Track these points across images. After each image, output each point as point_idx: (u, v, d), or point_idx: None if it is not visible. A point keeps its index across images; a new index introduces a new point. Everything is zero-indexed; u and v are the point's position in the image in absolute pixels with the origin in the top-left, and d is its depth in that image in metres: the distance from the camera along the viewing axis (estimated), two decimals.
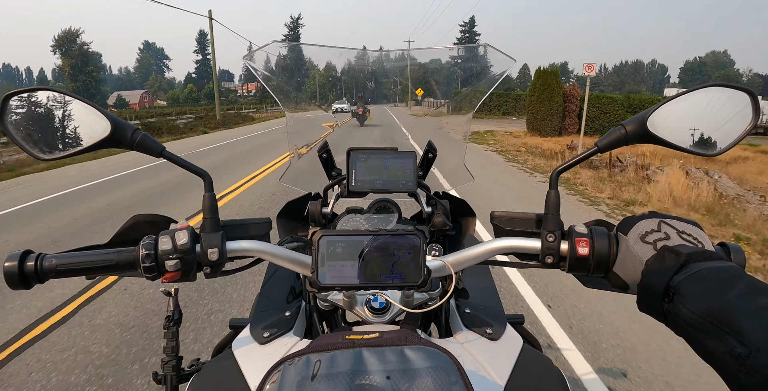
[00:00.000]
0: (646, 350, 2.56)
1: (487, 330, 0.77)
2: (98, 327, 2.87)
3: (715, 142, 0.64)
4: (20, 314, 3.09)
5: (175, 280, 0.64)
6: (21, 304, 3.22)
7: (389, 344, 0.48)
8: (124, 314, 3.05)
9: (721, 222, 5.42)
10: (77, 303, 3.22)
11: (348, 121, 1.86)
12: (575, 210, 5.90)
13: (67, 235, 4.91)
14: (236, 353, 0.73)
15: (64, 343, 2.69)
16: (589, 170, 8.68)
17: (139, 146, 0.66)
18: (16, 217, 5.92)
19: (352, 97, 1.80)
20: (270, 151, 11.72)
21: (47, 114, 0.64)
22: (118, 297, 3.30)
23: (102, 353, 2.56)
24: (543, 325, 2.86)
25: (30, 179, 9.19)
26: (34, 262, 0.62)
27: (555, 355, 2.51)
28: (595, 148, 0.66)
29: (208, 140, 16.85)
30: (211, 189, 0.68)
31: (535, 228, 0.70)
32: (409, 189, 0.95)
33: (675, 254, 0.52)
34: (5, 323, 2.96)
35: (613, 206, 6.19)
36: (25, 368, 2.43)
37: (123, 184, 8.08)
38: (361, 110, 6.87)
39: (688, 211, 5.89)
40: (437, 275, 0.69)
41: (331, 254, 0.59)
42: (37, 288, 0.73)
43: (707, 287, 0.46)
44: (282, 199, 5.77)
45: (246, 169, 9.02)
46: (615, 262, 0.62)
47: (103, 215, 5.77)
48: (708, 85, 0.63)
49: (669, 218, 0.61)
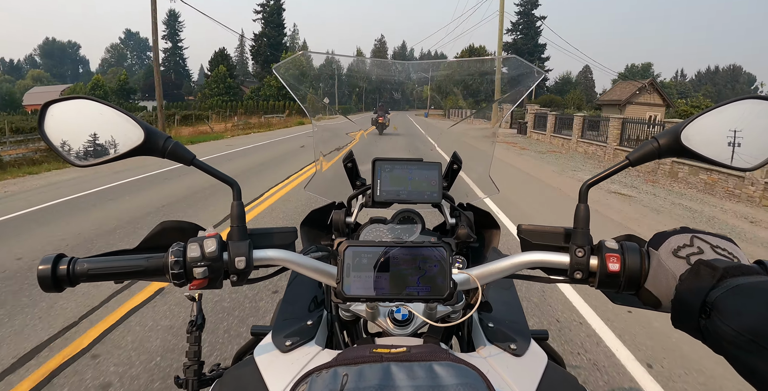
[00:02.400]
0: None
1: (510, 345, 0.76)
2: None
3: (750, 157, 0.62)
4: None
5: (202, 287, 0.65)
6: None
7: (418, 359, 0.48)
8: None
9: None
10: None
11: (372, 130, 1.86)
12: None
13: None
14: (258, 361, 0.73)
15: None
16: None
17: (170, 154, 0.67)
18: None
19: (373, 106, 1.81)
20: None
21: (83, 122, 0.66)
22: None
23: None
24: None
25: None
26: (67, 265, 0.63)
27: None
28: (626, 162, 0.64)
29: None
30: (239, 198, 0.69)
31: (564, 242, 0.69)
32: (433, 200, 0.95)
33: (711, 269, 0.50)
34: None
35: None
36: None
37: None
38: (382, 119, 6.82)
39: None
40: (462, 288, 0.68)
41: (356, 264, 0.59)
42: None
43: (748, 303, 0.44)
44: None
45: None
46: (646, 278, 0.60)
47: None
48: (743, 97, 0.62)
49: (702, 233, 0.59)
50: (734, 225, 6.20)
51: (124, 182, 8.42)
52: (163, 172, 9.49)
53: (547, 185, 8.67)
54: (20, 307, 3.21)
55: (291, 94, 1.07)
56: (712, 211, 7.11)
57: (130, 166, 9.76)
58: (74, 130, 0.66)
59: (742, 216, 6.83)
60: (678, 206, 7.39)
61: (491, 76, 1.21)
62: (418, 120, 2.44)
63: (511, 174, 9.82)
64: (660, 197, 8.05)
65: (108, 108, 0.66)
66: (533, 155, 14.26)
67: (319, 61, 1.22)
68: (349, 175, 1.05)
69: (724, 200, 8.08)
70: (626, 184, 9.15)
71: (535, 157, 13.87)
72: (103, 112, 0.66)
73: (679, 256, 0.57)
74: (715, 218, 6.66)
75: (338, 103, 1.38)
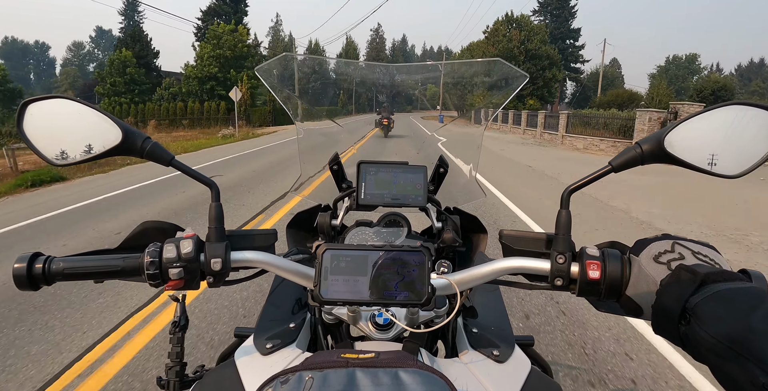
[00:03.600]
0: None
1: (494, 352, 0.75)
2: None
3: (736, 164, 0.62)
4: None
5: (178, 288, 0.64)
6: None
7: (384, 366, 0.47)
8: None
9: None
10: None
11: (375, 132, 1.83)
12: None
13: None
14: (238, 363, 0.73)
15: None
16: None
17: (149, 154, 0.67)
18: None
19: (366, 108, 1.79)
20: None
21: (62, 121, 0.65)
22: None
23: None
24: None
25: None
26: (42, 265, 0.63)
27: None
28: (609, 168, 0.64)
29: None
30: (217, 199, 0.69)
31: (545, 248, 0.68)
32: (418, 204, 0.94)
33: (692, 274, 0.49)
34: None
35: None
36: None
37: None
38: (386, 121, 6.75)
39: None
40: (442, 293, 0.67)
41: (334, 268, 0.58)
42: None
43: (727, 309, 0.43)
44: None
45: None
46: (628, 285, 0.59)
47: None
48: (729, 103, 0.61)
49: (683, 239, 0.59)
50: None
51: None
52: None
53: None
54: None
55: (273, 95, 1.06)
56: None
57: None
58: (53, 129, 0.66)
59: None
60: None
61: (478, 79, 1.20)
62: (412, 120, 2.42)
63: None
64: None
65: (86, 108, 0.65)
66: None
67: (305, 63, 1.21)
68: (335, 177, 1.05)
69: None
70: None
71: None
72: (81, 111, 0.65)
73: (660, 262, 0.56)
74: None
75: (328, 105, 1.37)
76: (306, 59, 1.22)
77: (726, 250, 4.54)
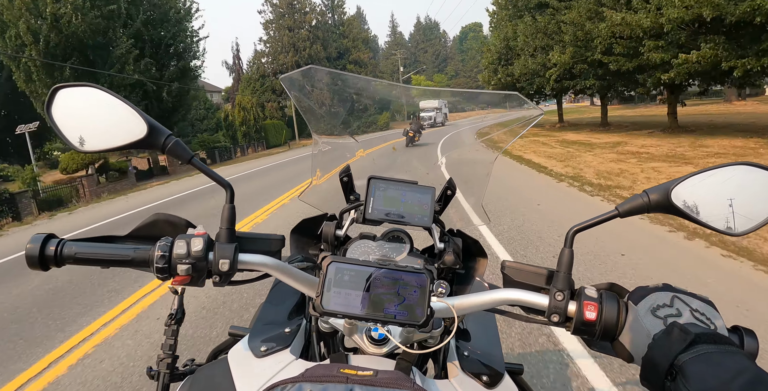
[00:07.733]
0: None
1: (483, 377, 0.76)
2: None
3: (739, 222, 0.63)
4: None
5: (185, 284, 0.66)
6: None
7: (382, 385, 0.48)
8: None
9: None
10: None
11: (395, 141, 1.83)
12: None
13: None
14: (231, 362, 0.74)
15: None
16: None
17: (170, 151, 0.69)
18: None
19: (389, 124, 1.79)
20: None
21: (90, 109, 0.67)
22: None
23: None
24: None
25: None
26: (55, 247, 0.64)
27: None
28: (615, 212, 0.65)
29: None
30: (232, 201, 0.70)
31: (545, 284, 0.70)
32: (424, 224, 0.95)
33: (684, 333, 0.51)
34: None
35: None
36: None
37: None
38: (412, 133, 7.02)
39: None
40: (440, 316, 0.69)
41: (338, 280, 0.59)
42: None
43: (711, 372, 0.45)
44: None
45: None
46: (622, 331, 0.61)
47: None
48: (736, 163, 0.63)
49: (683, 293, 0.60)
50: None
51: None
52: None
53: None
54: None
55: (295, 105, 1.09)
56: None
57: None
58: (80, 115, 0.67)
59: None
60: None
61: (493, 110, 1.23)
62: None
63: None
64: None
65: (115, 99, 0.67)
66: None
67: (330, 76, 1.23)
68: (344, 188, 1.06)
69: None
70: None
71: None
72: (109, 102, 0.67)
73: (657, 315, 0.58)
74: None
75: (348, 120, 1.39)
76: (329, 73, 1.24)
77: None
